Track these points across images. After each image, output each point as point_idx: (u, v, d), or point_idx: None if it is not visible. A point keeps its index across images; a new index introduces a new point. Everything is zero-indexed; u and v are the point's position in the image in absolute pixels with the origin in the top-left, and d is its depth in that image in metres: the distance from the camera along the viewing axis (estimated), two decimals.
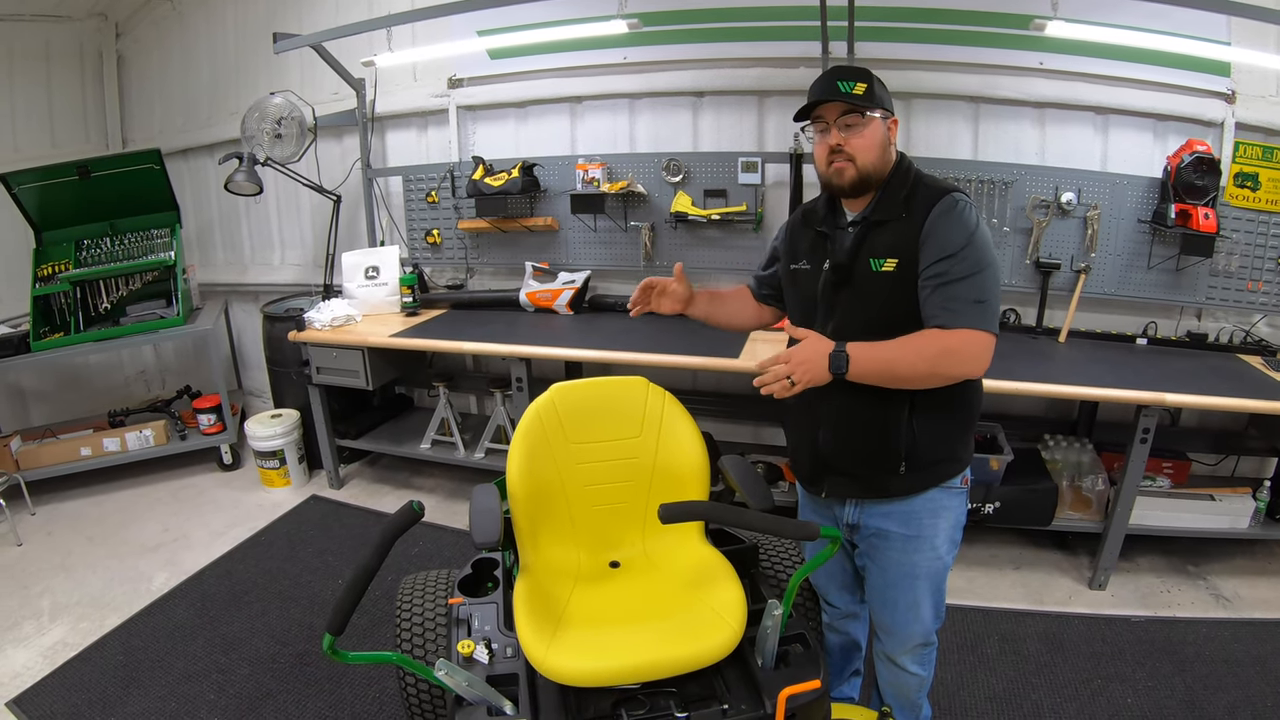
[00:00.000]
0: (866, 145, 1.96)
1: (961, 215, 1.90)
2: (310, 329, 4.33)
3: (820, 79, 1.99)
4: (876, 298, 1.98)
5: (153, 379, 6.24)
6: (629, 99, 4.48)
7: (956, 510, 2.17)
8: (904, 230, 1.94)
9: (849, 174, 1.98)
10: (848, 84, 1.93)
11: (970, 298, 1.87)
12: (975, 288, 1.88)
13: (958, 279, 1.87)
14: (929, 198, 1.94)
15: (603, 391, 2.50)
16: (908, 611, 2.22)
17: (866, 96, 1.93)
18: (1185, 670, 3.01)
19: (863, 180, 1.98)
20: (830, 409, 2.09)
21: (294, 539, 4.18)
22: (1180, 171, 3.53)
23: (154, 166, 4.82)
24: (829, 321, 2.05)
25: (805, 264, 2.15)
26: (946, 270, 1.87)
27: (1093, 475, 3.65)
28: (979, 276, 1.88)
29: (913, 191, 1.98)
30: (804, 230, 2.19)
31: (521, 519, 2.34)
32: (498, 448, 4.43)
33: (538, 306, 4.57)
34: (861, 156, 1.96)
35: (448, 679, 1.83)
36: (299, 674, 3.09)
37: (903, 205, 1.96)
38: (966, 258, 1.87)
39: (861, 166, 1.97)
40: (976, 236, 1.89)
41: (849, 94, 1.92)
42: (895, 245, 1.95)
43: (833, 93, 1.93)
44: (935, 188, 1.98)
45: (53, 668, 3.16)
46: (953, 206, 1.90)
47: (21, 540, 4.21)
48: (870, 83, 1.94)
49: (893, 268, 1.94)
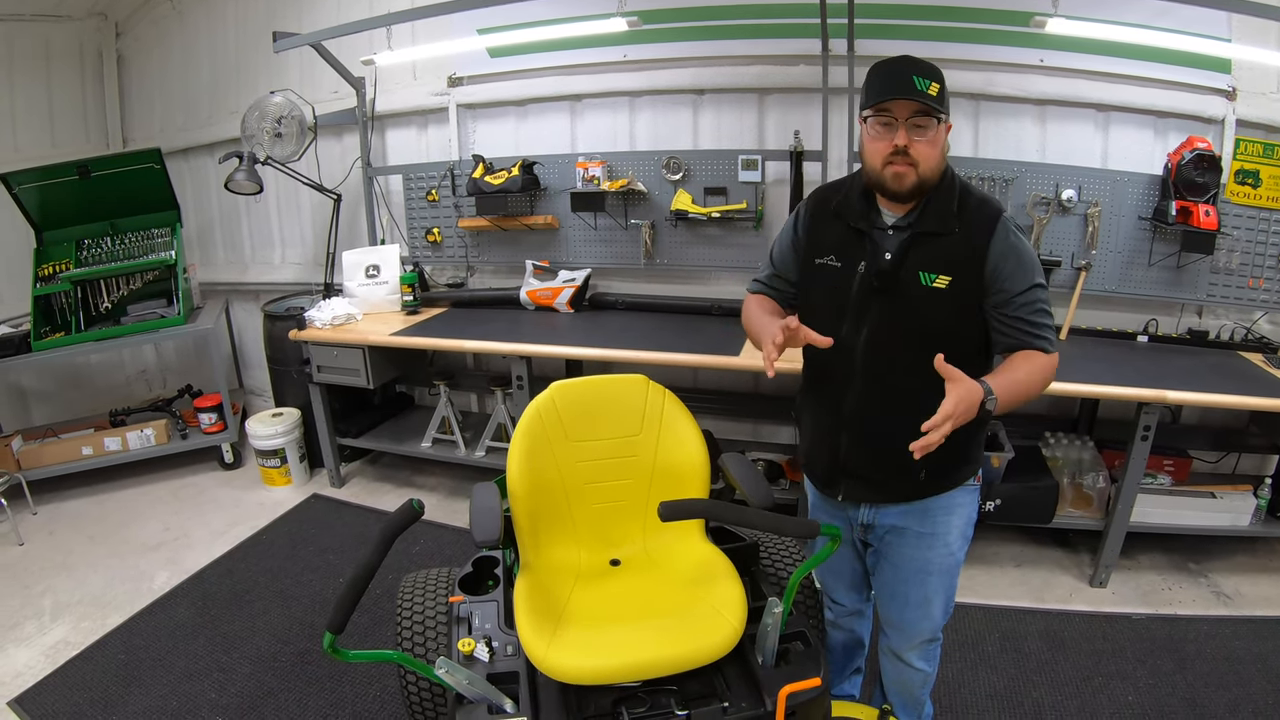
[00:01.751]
0: (932, 152, 1.87)
1: (1021, 239, 1.91)
2: (311, 328, 4.33)
3: (890, 68, 1.86)
4: (920, 311, 1.94)
5: (154, 378, 6.25)
6: (629, 97, 4.48)
7: (969, 506, 2.18)
8: (958, 247, 1.90)
9: (909, 180, 1.88)
10: (924, 81, 1.80)
11: (1048, 323, 1.94)
12: (1048, 313, 1.94)
13: (1038, 307, 1.91)
14: (983, 217, 1.91)
15: (603, 389, 2.50)
16: (918, 608, 2.22)
17: (940, 99, 1.83)
18: (1186, 668, 3.02)
19: (921, 187, 1.90)
20: (853, 417, 2.08)
21: (295, 538, 4.18)
22: (1181, 168, 3.52)
23: (154, 166, 4.82)
24: (861, 327, 2.00)
25: (834, 260, 2.05)
26: (1031, 301, 1.90)
27: (1094, 473, 3.65)
28: (1047, 299, 1.94)
29: (962, 203, 1.93)
30: (833, 223, 2.07)
31: (522, 517, 2.34)
32: (498, 446, 4.43)
33: (538, 305, 4.57)
34: (925, 163, 1.87)
35: (448, 677, 1.84)
36: (300, 672, 3.10)
37: (954, 218, 1.91)
38: (1041, 284, 1.91)
39: (923, 173, 1.88)
40: (1036, 262, 1.92)
41: (924, 93, 1.80)
42: (950, 262, 1.91)
43: (908, 89, 1.81)
44: (985, 204, 1.94)
45: (54, 667, 3.17)
46: (1008, 231, 1.90)
47: (23, 539, 4.22)
48: (943, 83, 1.85)
49: (945, 285, 1.91)
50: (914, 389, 1.82)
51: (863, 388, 2.03)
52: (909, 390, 1.87)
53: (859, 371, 2.02)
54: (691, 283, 4.62)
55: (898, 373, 1.97)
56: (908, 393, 1.87)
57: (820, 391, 2.17)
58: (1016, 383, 1.86)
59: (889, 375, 2.00)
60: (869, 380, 2.02)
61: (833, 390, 2.09)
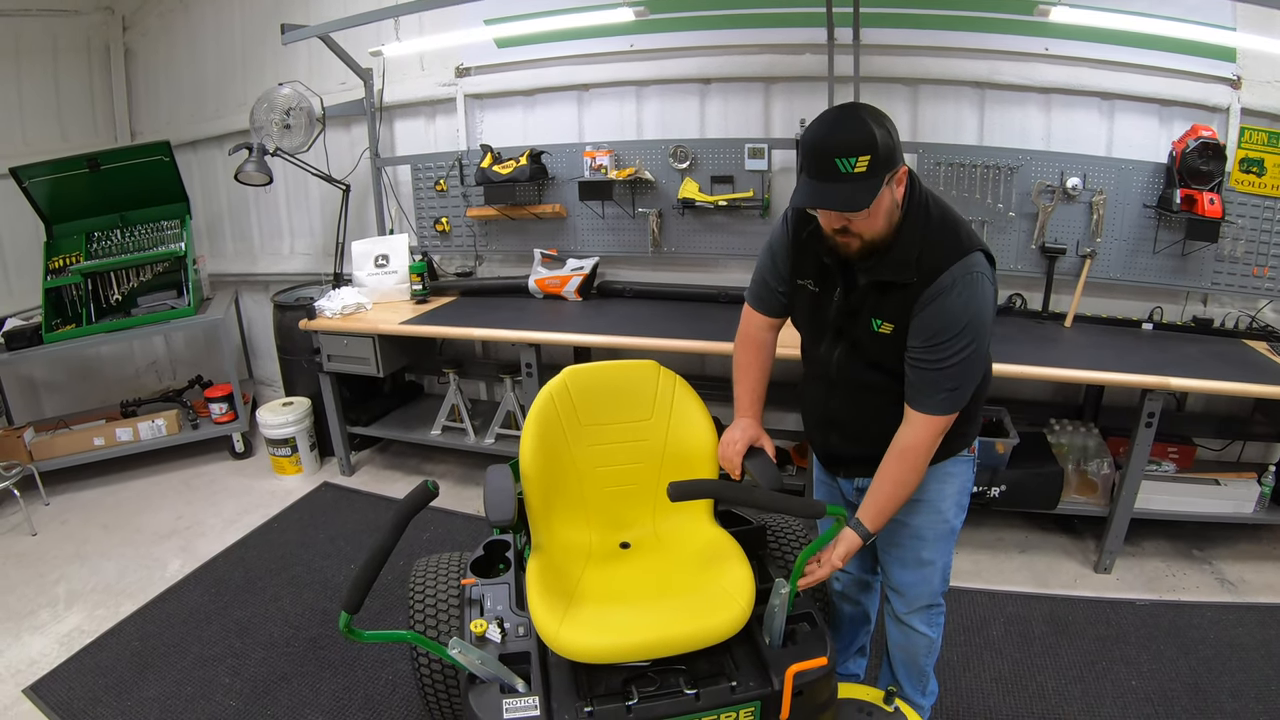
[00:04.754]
0: (873, 223, 1.84)
1: (959, 297, 1.83)
2: (321, 317, 4.36)
3: (815, 149, 1.76)
4: (872, 350, 2.01)
5: (164, 369, 6.29)
6: (636, 86, 4.49)
7: (963, 476, 2.23)
8: (907, 295, 1.89)
9: (854, 247, 1.89)
10: (848, 161, 1.70)
11: (944, 385, 1.92)
12: (951, 376, 1.90)
13: (936, 368, 1.89)
14: (934, 264, 1.84)
15: (614, 374, 2.53)
16: (917, 571, 2.28)
17: (870, 172, 1.72)
18: (1190, 653, 3.03)
19: (869, 249, 1.89)
20: (837, 417, 2.22)
21: (306, 525, 4.22)
22: (1185, 157, 3.52)
23: (163, 158, 4.84)
24: (835, 347, 2.11)
25: (813, 285, 2.11)
26: (926, 359, 1.90)
27: (1098, 459, 3.67)
28: (957, 366, 1.89)
29: (922, 252, 1.86)
30: (809, 251, 2.07)
31: (534, 499, 2.37)
32: (508, 433, 4.46)
33: (546, 293, 4.59)
34: (869, 232, 1.85)
35: (461, 657, 1.87)
36: (313, 657, 3.13)
37: (913, 268, 1.86)
38: (950, 346, 1.86)
39: (869, 240, 1.86)
40: (965, 318, 1.84)
41: (849, 175, 1.71)
42: (895, 310, 1.92)
43: (831, 174, 1.73)
44: (942, 250, 1.86)
45: (69, 654, 3.20)
46: (950, 285, 1.83)
47: (36, 530, 4.26)
48: (874, 149, 1.70)
49: (889, 331, 1.95)
50: (886, 401, 2.03)
51: (841, 395, 2.17)
52: (882, 401, 2.05)
53: (836, 382, 2.15)
54: (699, 270, 4.63)
55: (869, 390, 2.09)
56: (881, 403, 2.06)
57: (812, 390, 2.29)
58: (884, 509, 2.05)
59: (860, 390, 2.12)
60: (845, 390, 2.16)
61: (819, 392, 2.23)
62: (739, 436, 2.28)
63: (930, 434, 1.97)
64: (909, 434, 1.99)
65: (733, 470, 2.30)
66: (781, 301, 2.25)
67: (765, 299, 2.28)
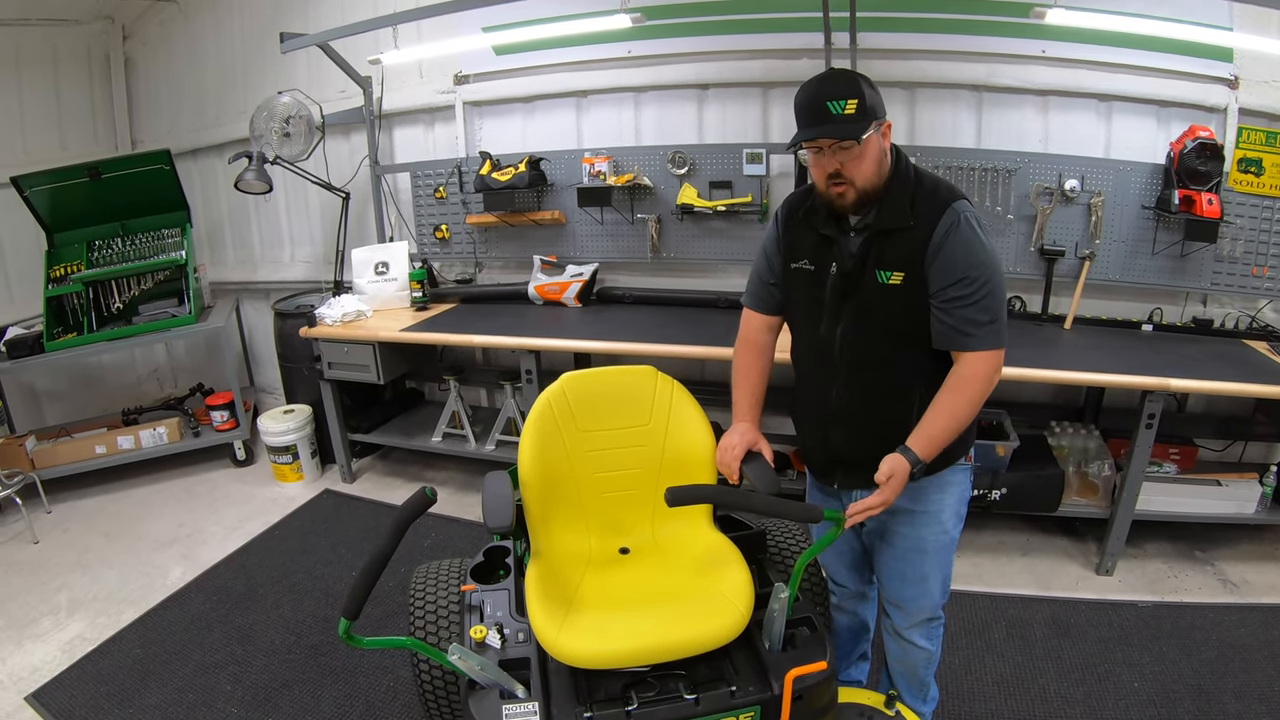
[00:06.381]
0: (865, 165, 1.92)
1: (966, 232, 1.90)
2: (321, 325, 4.36)
3: (807, 98, 1.90)
4: (882, 309, 2.00)
5: (165, 377, 6.30)
6: (634, 92, 4.50)
7: (962, 485, 2.22)
8: (910, 241, 1.94)
9: (850, 197, 1.95)
10: (839, 104, 1.85)
11: (983, 319, 1.92)
12: (986, 309, 1.92)
13: (969, 303, 1.91)
14: (933, 207, 1.92)
15: (613, 380, 2.52)
16: (916, 585, 2.26)
17: (859, 115, 1.85)
18: (1192, 655, 3.03)
19: (863, 199, 1.96)
20: (841, 410, 2.15)
21: (307, 533, 4.23)
22: (1184, 157, 3.52)
23: (164, 167, 4.85)
24: (836, 326, 2.08)
25: (808, 264, 2.13)
26: (959, 295, 1.91)
27: (1099, 461, 3.66)
28: (988, 298, 1.91)
29: (915, 196, 1.96)
30: (805, 229, 2.14)
31: (533, 505, 2.37)
32: (508, 440, 4.46)
33: (546, 299, 4.60)
34: (861, 178, 1.92)
35: (461, 663, 1.87)
36: (314, 664, 3.13)
37: (909, 213, 1.94)
38: (975, 279, 1.89)
39: (861, 187, 1.93)
40: (982, 254, 1.90)
41: (840, 116, 1.85)
42: (902, 258, 1.95)
43: (823, 117, 1.86)
44: (938, 194, 1.95)
45: (71, 662, 3.21)
46: (956, 222, 1.89)
47: (38, 537, 4.26)
48: (861, 95, 1.85)
49: (899, 281, 1.96)
50: (893, 381, 2.03)
51: (845, 382, 2.11)
52: (888, 383, 2.05)
53: (840, 367, 2.11)
54: (698, 276, 4.64)
55: (875, 367, 2.07)
56: (887, 385, 2.05)
57: (809, 387, 2.25)
58: (934, 438, 1.97)
59: (867, 370, 2.08)
60: (850, 375, 2.11)
61: (820, 386, 2.18)
62: (737, 441, 2.27)
63: (986, 368, 1.95)
64: (964, 368, 1.97)
65: (731, 475, 2.29)
66: (777, 297, 2.27)
67: (762, 297, 2.31)
